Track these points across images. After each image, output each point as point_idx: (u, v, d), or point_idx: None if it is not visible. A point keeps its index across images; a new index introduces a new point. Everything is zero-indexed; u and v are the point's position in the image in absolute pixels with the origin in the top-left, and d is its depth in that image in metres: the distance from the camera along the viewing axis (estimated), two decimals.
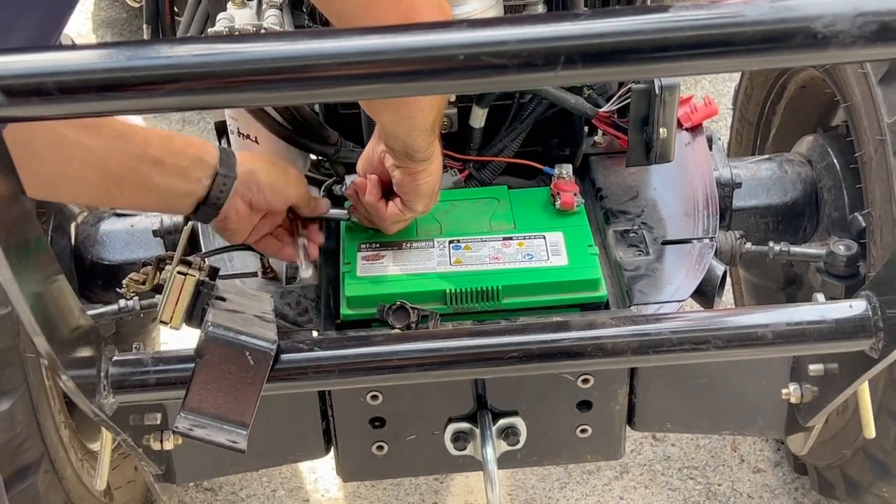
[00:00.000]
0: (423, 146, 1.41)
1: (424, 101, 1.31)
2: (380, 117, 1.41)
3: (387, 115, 1.39)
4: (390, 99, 1.30)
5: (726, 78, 3.48)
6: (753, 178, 1.96)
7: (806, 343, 1.24)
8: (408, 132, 1.39)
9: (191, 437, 1.15)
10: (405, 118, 1.36)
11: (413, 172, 1.46)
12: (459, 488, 2.26)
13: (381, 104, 1.34)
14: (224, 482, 2.28)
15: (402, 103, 1.32)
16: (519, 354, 1.22)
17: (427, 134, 1.39)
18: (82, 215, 1.97)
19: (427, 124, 1.37)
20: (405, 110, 1.34)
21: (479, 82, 0.86)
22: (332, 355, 1.22)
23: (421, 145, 1.41)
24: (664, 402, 1.58)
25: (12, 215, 0.96)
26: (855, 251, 1.78)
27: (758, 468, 2.27)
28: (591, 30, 0.83)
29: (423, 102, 1.32)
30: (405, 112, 1.34)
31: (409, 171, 1.46)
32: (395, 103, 1.33)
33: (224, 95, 0.84)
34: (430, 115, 1.36)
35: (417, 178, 1.47)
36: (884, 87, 1.64)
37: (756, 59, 0.85)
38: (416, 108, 1.33)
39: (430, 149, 1.43)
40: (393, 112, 1.36)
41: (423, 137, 1.40)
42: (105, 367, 1.20)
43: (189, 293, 1.21)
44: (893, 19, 0.82)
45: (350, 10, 1.20)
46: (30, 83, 0.82)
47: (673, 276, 1.56)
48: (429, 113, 1.35)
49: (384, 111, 1.37)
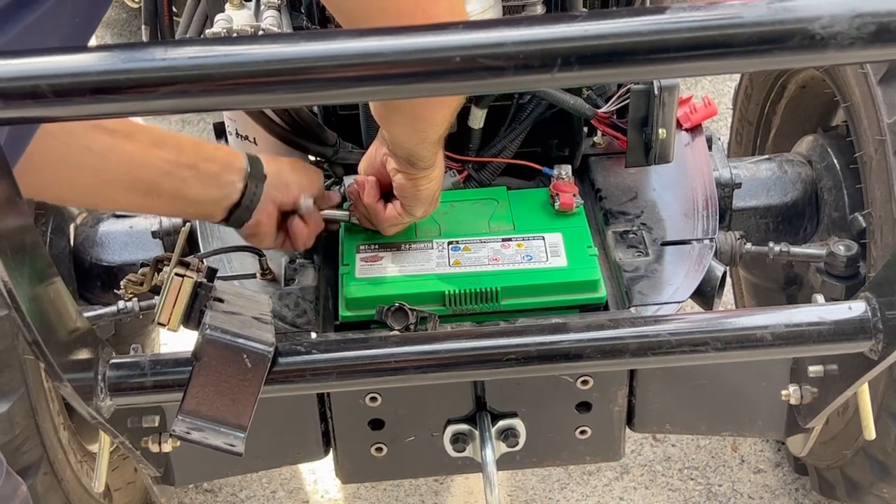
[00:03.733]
0: (428, 156, 1.42)
1: (439, 115, 1.31)
2: (392, 129, 1.41)
3: (400, 129, 1.39)
4: (405, 113, 1.31)
5: (726, 78, 3.47)
6: (753, 178, 1.96)
7: (805, 345, 1.24)
8: (417, 144, 1.39)
9: (188, 441, 1.15)
10: (418, 132, 1.36)
11: (414, 178, 1.46)
12: (459, 489, 2.25)
13: (396, 117, 1.34)
14: (223, 484, 2.28)
15: (417, 118, 1.31)
16: (518, 356, 1.22)
17: (434, 145, 1.40)
18: (81, 216, 1.97)
19: (437, 137, 1.37)
20: (420, 125, 1.33)
21: (476, 84, 0.86)
22: (329, 357, 1.21)
23: (426, 155, 1.41)
24: (663, 403, 1.58)
25: (9, 219, 0.95)
26: (855, 251, 1.78)
27: (758, 469, 2.27)
28: (588, 31, 0.83)
29: (437, 117, 1.31)
30: (420, 126, 1.34)
31: (410, 177, 1.46)
32: (410, 118, 1.32)
33: (220, 98, 0.83)
34: (442, 129, 1.36)
35: (418, 183, 1.47)
36: (884, 86, 1.64)
37: (754, 61, 0.85)
38: (430, 122, 1.32)
39: (434, 158, 1.43)
40: (407, 126, 1.36)
41: (429, 148, 1.40)
42: (102, 369, 1.20)
43: (186, 295, 1.21)
44: (891, 20, 0.81)
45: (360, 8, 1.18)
46: (24, 86, 0.82)
47: (672, 277, 1.56)
48: (441, 127, 1.35)
49: (398, 124, 1.37)
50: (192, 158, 1.39)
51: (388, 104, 1.31)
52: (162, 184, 1.36)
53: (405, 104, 1.28)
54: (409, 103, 1.28)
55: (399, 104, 1.29)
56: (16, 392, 1.59)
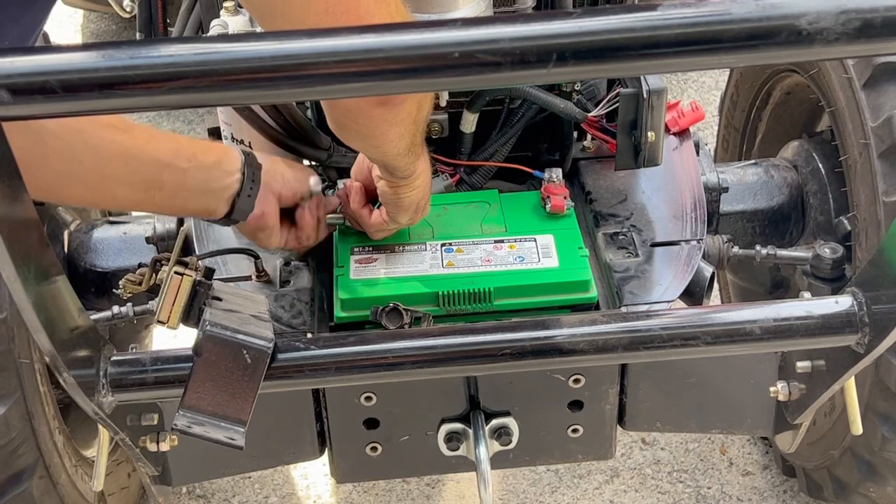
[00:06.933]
0: (402, 167, 1.43)
1: (390, 133, 1.30)
2: (351, 144, 1.43)
3: (356, 143, 1.40)
4: (352, 131, 1.31)
5: (712, 87, 3.51)
6: (740, 182, 1.99)
7: (793, 338, 1.26)
8: (381, 157, 1.41)
9: (189, 435, 1.16)
10: (374, 147, 1.36)
11: (395, 186, 1.48)
12: (451, 493, 2.27)
13: (347, 134, 1.33)
14: (216, 489, 2.29)
15: (366, 135, 1.31)
16: (511, 351, 1.24)
17: (403, 157, 1.40)
18: (75, 223, 1.98)
19: (399, 151, 1.37)
20: (372, 141, 1.33)
21: (473, 79, 0.88)
22: (328, 353, 1.24)
23: (400, 166, 1.43)
24: (654, 401, 1.60)
25: (16, 216, 0.97)
26: (841, 254, 1.81)
27: (747, 471, 2.29)
28: (583, 27, 0.86)
29: (389, 135, 1.30)
30: (373, 143, 1.34)
31: (391, 185, 1.48)
32: (359, 136, 1.32)
33: (226, 93, 0.85)
34: (401, 144, 1.35)
35: (399, 192, 1.49)
36: (867, 91, 1.67)
37: (743, 56, 0.88)
38: (382, 139, 1.32)
39: (411, 168, 1.44)
40: (360, 142, 1.37)
41: (399, 160, 1.41)
42: (104, 366, 1.21)
43: (186, 293, 1.23)
44: (875, 16, 0.84)
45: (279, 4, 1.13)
46: (34, 81, 0.84)
47: (662, 278, 1.58)
48: (397, 142, 1.34)
49: (352, 140, 1.37)
50: (190, 150, 1.39)
51: (338, 123, 1.29)
52: (162, 176, 1.37)
53: (350, 123, 1.28)
54: (353, 123, 1.27)
55: (345, 124, 1.29)
56: (11, 395, 1.60)
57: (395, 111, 1.25)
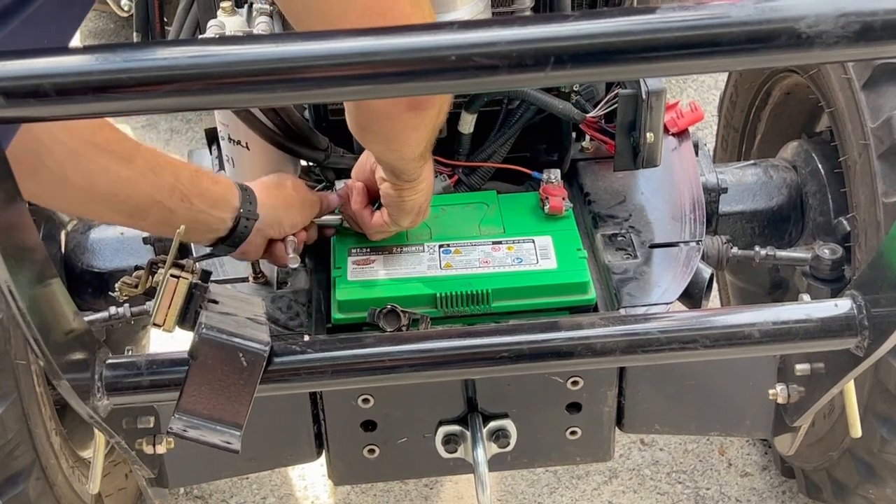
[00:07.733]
0: (411, 170, 1.43)
1: (412, 138, 1.30)
2: (368, 147, 1.42)
3: (375, 147, 1.40)
4: (376, 133, 1.31)
5: (711, 86, 3.51)
6: (739, 183, 1.98)
7: (792, 342, 1.26)
8: (396, 161, 1.41)
9: (185, 439, 1.16)
10: (393, 151, 1.36)
11: (399, 189, 1.48)
12: (449, 494, 2.27)
13: (369, 137, 1.34)
14: (214, 490, 2.29)
15: (390, 139, 1.31)
16: (510, 354, 1.23)
17: (416, 161, 1.40)
18: (72, 223, 1.98)
19: (414, 155, 1.37)
20: (393, 145, 1.34)
21: (471, 83, 0.87)
22: (324, 356, 1.23)
23: (409, 169, 1.43)
24: (653, 403, 1.60)
25: (10, 219, 0.96)
26: (840, 255, 1.80)
27: (745, 472, 2.29)
28: (581, 31, 0.85)
29: (410, 139, 1.31)
30: (393, 146, 1.34)
31: (396, 187, 1.48)
32: (382, 138, 1.32)
33: (220, 96, 0.85)
34: (419, 147, 1.35)
35: (403, 194, 1.49)
36: (867, 91, 1.67)
37: (742, 59, 0.87)
38: (403, 143, 1.32)
39: (419, 172, 1.44)
40: (381, 145, 1.37)
41: (411, 165, 1.41)
42: (99, 369, 1.21)
43: (182, 295, 1.22)
44: (875, 20, 0.84)
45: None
46: (27, 85, 0.83)
47: (661, 279, 1.58)
48: (417, 146, 1.34)
49: (373, 142, 1.37)
50: (188, 189, 1.36)
51: (361, 125, 1.29)
52: (150, 210, 1.35)
53: (376, 127, 1.28)
54: (379, 126, 1.27)
55: (370, 126, 1.28)
56: (8, 397, 1.59)
57: (424, 115, 1.24)
